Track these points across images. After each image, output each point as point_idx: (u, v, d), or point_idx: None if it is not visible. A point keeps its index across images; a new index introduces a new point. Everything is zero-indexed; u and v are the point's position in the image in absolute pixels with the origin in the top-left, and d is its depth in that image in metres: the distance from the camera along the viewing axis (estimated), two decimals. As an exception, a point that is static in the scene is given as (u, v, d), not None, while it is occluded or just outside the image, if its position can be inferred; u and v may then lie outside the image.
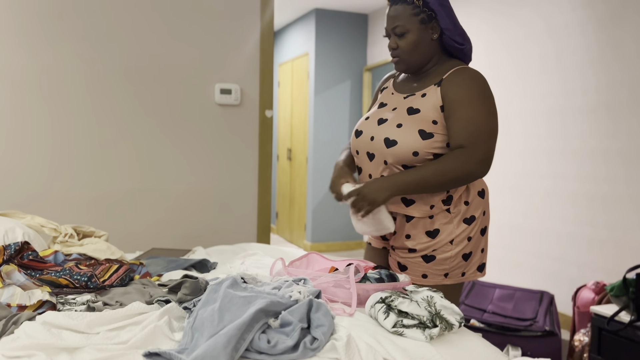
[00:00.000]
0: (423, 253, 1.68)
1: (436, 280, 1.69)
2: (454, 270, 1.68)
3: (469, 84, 1.60)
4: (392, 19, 1.66)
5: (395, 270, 1.77)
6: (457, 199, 1.67)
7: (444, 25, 1.64)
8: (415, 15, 1.62)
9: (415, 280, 1.70)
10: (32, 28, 2.72)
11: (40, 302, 1.35)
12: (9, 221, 1.89)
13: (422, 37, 1.65)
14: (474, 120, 1.57)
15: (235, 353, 1.10)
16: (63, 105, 2.81)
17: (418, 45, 1.65)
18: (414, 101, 1.67)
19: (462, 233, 1.66)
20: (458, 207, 1.67)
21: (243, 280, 1.44)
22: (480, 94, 1.60)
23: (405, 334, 1.25)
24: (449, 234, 1.66)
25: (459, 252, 1.66)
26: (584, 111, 3.29)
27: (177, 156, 3.03)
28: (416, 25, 1.63)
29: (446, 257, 1.66)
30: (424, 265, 1.68)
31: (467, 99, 1.58)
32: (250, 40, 3.14)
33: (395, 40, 1.67)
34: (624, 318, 2.43)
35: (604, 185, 3.17)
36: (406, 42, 1.65)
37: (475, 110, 1.57)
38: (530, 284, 3.68)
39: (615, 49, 3.10)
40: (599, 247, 3.21)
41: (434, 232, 1.66)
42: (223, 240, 3.15)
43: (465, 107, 1.57)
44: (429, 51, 1.67)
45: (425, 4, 1.62)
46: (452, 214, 1.66)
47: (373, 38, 5.81)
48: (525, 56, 3.72)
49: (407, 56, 1.67)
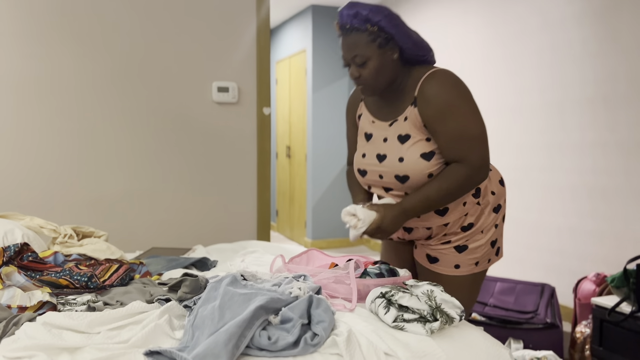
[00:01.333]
0: (456, 244, 1.71)
1: (468, 269, 1.72)
2: (483, 257, 1.73)
3: (440, 95, 1.58)
4: (349, 49, 1.61)
5: (423, 263, 1.79)
6: (484, 190, 1.71)
7: (402, 45, 1.62)
8: (372, 41, 1.59)
9: (446, 272, 1.73)
10: (31, 31, 2.72)
11: (40, 303, 1.35)
12: (8, 223, 1.89)
13: (383, 61, 1.61)
14: (459, 131, 1.56)
15: (236, 350, 1.10)
16: (61, 107, 2.80)
17: (381, 69, 1.62)
18: (399, 127, 1.66)
19: (491, 222, 1.72)
20: (486, 198, 1.71)
21: (243, 278, 1.44)
22: (454, 100, 1.58)
23: (406, 328, 1.25)
24: (481, 225, 1.71)
25: (488, 239, 1.72)
26: (582, 104, 3.28)
27: (176, 155, 3.03)
28: (375, 51, 1.60)
29: (477, 246, 1.71)
30: (457, 255, 1.72)
31: (444, 112, 1.57)
32: (247, 37, 3.13)
33: (357, 69, 1.63)
34: (625, 309, 2.43)
35: (603, 178, 3.17)
36: (369, 70, 1.62)
37: (456, 121, 1.57)
38: (532, 277, 3.69)
39: (612, 41, 3.10)
40: (599, 239, 3.21)
41: (468, 226, 1.71)
42: (223, 238, 3.15)
43: (445, 121, 1.57)
44: (392, 72, 1.65)
45: (380, 29, 1.58)
46: (482, 205, 1.71)
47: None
48: (522, 50, 3.72)
49: (372, 82, 1.64)
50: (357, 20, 1.58)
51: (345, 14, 1.60)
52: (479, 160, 1.57)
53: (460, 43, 4.35)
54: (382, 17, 1.57)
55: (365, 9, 1.57)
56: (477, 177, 1.59)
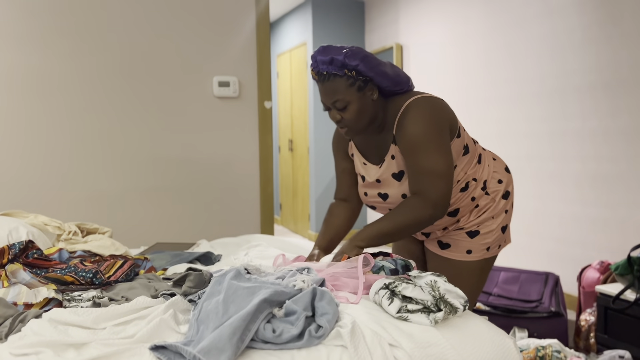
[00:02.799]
0: (468, 229, 1.74)
1: (479, 254, 1.75)
2: (494, 243, 1.76)
3: (410, 130, 1.59)
4: (329, 95, 1.61)
5: (435, 250, 1.81)
6: (490, 180, 1.74)
7: (381, 85, 1.63)
8: (351, 85, 1.59)
9: (458, 257, 1.76)
10: (30, 28, 2.72)
11: (46, 300, 1.36)
12: (13, 221, 1.90)
13: (363, 104, 1.62)
14: (421, 166, 1.58)
15: (241, 343, 1.10)
16: (64, 103, 2.81)
17: (362, 111, 1.62)
18: (390, 167, 1.69)
19: (502, 208, 1.75)
20: (495, 187, 1.75)
21: (247, 272, 1.45)
22: (423, 136, 1.58)
23: (410, 319, 1.26)
24: (491, 211, 1.74)
25: (499, 225, 1.75)
26: (584, 91, 3.27)
27: (178, 150, 3.03)
28: (355, 94, 1.60)
29: (489, 231, 1.74)
30: (469, 240, 1.74)
31: (412, 146, 1.59)
32: (246, 31, 3.13)
33: (339, 113, 1.64)
34: (629, 296, 2.43)
35: (606, 165, 3.16)
36: (350, 113, 1.62)
37: (420, 156, 1.58)
38: (535, 266, 3.69)
39: (613, 27, 3.08)
40: (603, 226, 3.20)
41: (481, 214, 1.74)
42: (227, 232, 3.16)
43: (412, 155, 1.59)
44: (373, 111, 1.65)
45: (358, 73, 1.58)
46: (491, 195, 1.74)
47: (371, 25, 5.78)
48: (524, 38, 3.70)
49: (355, 124, 1.64)
50: (334, 67, 1.57)
51: (320, 60, 1.59)
52: (436, 196, 1.57)
53: (461, 31, 4.33)
54: (358, 61, 1.57)
55: (340, 54, 1.57)
56: (434, 212, 1.58)
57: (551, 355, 2.11)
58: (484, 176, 1.74)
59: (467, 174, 1.70)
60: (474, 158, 1.73)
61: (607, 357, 2.31)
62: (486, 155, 1.79)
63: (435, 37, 4.68)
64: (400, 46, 5.19)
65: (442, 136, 1.59)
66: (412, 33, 5.01)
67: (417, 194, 1.59)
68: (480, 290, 1.81)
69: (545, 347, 2.15)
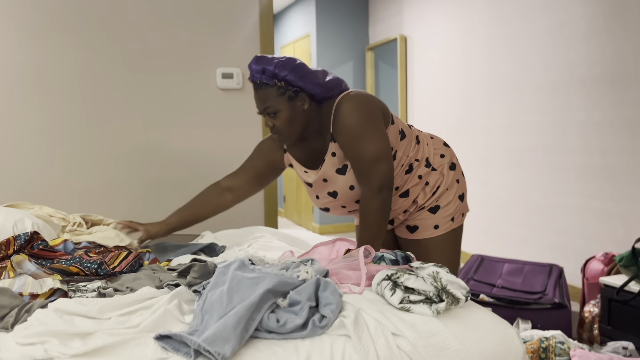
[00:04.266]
0: (429, 207, 1.82)
1: (446, 227, 1.83)
2: (457, 212, 1.85)
3: (346, 122, 1.66)
4: (261, 102, 1.69)
5: (405, 236, 1.88)
6: (432, 156, 1.83)
7: (312, 92, 1.69)
8: (282, 94, 1.66)
9: (428, 235, 1.83)
10: (33, 20, 2.72)
11: (51, 290, 1.37)
12: (18, 212, 1.91)
13: (294, 112, 1.69)
14: (360, 156, 1.66)
15: (245, 333, 1.11)
16: (65, 96, 2.81)
17: (292, 120, 1.70)
18: (332, 163, 1.75)
19: (452, 178, 1.85)
20: (439, 161, 1.84)
21: (251, 262, 1.45)
22: (357, 125, 1.65)
23: (412, 309, 1.26)
24: (444, 185, 1.83)
25: (455, 194, 1.85)
26: (588, 83, 3.25)
27: (181, 143, 3.04)
28: (285, 103, 1.67)
29: (448, 202, 1.83)
30: (432, 216, 1.82)
31: (347, 140, 1.67)
32: (250, 23, 3.12)
33: (270, 119, 1.72)
34: (633, 288, 2.44)
35: (610, 157, 3.15)
36: (281, 121, 1.69)
37: (358, 146, 1.66)
38: (539, 258, 3.69)
39: (618, 19, 3.06)
40: (606, 218, 3.20)
41: (436, 189, 1.84)
42: (230, 224, 3.16)
43: (352, 146, 1.67)
44: (305, 119, 1.72)
45: (287, 83, 1.65)
46: (438, 169, 1.84)
47: (374, 17, 5.76)
48: (528, 30, 3.68)
49: (286, 131, 1.72)
50: (265, 76, 1.65)
51: (253, 69, 1.67)
52: (380, 181, 1.66)
53: (465, 23, 4.31)
54: (288, 71, 1.63)
55: (271, 65, 1.63)
56: (382, 195, 1.66)
57: (554, 346, 2.12)
58: (425, 154, 1.82)
59: (409, 157, 1.78)
60: (412, 140, 1.80)
61: (610, 348, 2.31)
62: (423, 136, 1.86)
63: (439, 29, 4.66)
64: (404, 38, 5.17)
65: (375, 122, 1.67)
66: (416, 25, 4.99)
67: (363, 184, 1.68)
68: (457, 260, 1.89)
69: (549, 339, 2.15)
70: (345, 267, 1.51)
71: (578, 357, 2.04)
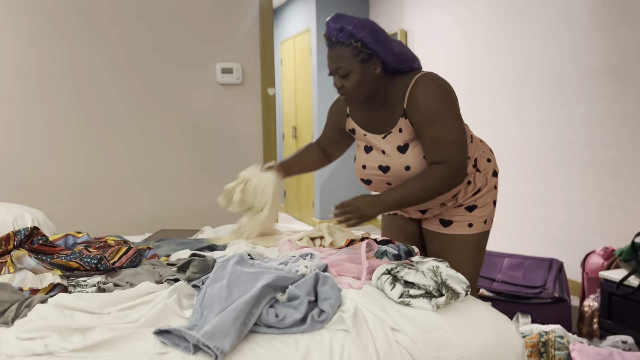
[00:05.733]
0: (466, 205, 1.82)
1: (479, 227, 1.83)
2: (489, 216, 1.86)
3: (426, 103, 1.65)
4: (333, 61, 1.67)
5: (436, 229, 1.86)
6: (480, 158, 1.82)
7: (385, 60, 1.67)
8: (355, 56, 1.64)
9: (461, 231, 1.83)
10: (32, 16, 2.71)
11: (51, 285, 1.37)
12: (18, 207, 1.92)
13: (365, 75, 1.67)
14: (442, 137, 1.64)
15: (245, 328, 1.11)
16: (66, 92, 2.81)
17: (362, 83, 1.68)
18: (396, 139, 1.73)
19: (492, 184, 1.85)
20: (485, 165, 1.83)
21: (250, 257, 1.45)
22: (439, 107, 1.64)
23: (412, 303, 1.26)
24: (486, 188, 1.83)
25: (491, 199, 1.85)
26: (591, 76, 3.24)
27: (182, 138, 3.04)
28: (357, 65, 1.65)
29: (484, 204, 1.83)
30: (469, 215, 1.82)
31: (429, 119, 1.64)
32: (249, 17, 3.11)
33: (340, 80, 1.69)
34: (632, 282, 2.44)
35: (612, 151, 3.15)
36: (350, 82, 1.67)
37: (440, 127, 1.64)
38: (540, 252, 3.69)
39: (621, 11, 3.05)
40: (607, 213, 3.20)
41: (477, 191, 1.82)
42: (231, 219, 3.16)
43: (430, 127, 1.64)
44: (374, 85, 1.71)
45: (363, 45, 1.63)
46: (482, 172, 1.82)
47: (375, 11, 5.74)
48: (530, 23, 3.66)
49: (353, 94, 1.70)
50: (342, 35, 1.63)
51: (331, 27, 1.65)
52: (458, 164, 1.65)
53: (466, 16, 4.30)
54: (366, 33, 1.62)
55: (350, 24, 1.62)
56: (456, 179, 1.67)
57: (554, 340, 2.12)
58: (475, 154, 1.81)
59: None
60: (468, 137, 1.79)
61: (610, 342, 2.31)
62: (475, 137, 1.86)
63: (440, 23, 4.64)
64: (405, 32, 5.16)
65: (455, 108, 1.67)
66: (417, 19, 4.98)
67: (441, 163, 1.64)
68: (481, 263, 1.89)
69: (549, 333, 2.16)
70: (346, 260, 1.51)
71: (577, 351, 2.04)
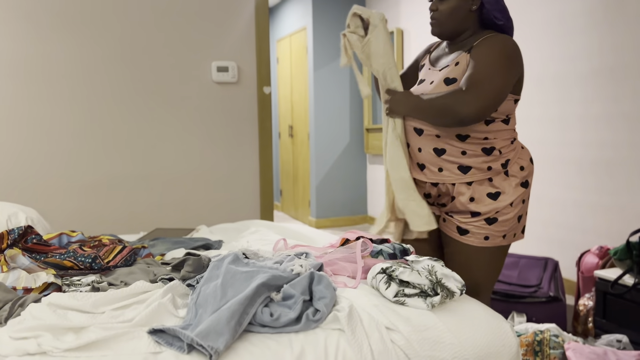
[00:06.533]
0: (487, 216, 1.73)
1: (496, 241, 1.76)
2: (510, 231, 1.77)
3: (492, 47, 1.63)
4: None
5: (453, 235, 1.80)
6: (512, 162, 1.74)
7: (485, 4, 1.68)
8: None
9: (476, 243, 1.76)
10: (30, 14, 2.70)
11: (45, 285, 1.36)
12: (12, 206, 1.91)
13: (461, 5, 1.69)
14: (482, 72, 1.60)
15: (239, 327, 1.11)
16: (61, 90, 2.80)
17: (455, 12, 1.70)
18: (449, 72, 1.72)
19: (519, 196, 1.74)
20: (515, 171, 1.74)
21: (245, 256, 1.45)
22: (500, 55, 1.62)
23: (407, 303, 1.26)
24: (509, 196, 1.72)
25: (516, 214, 1.75)
26: (587, 76, 3.25)
27: (177, 136, 3.03)
28: None
29: (506, 219, 1.74)
30: (487, 227, 1.74)
31: (484, 57, 1.62)
32: (245, 16, 3.10)
33: (436, 3, 1.72)
34: (627, 281, 2.44)
35: (608, 150, 3.15)
36: (446, 7, 1.70)
37: (486, 66, 1.60)
38: (535, 251, 3.70)
39: (618, 11, 3.05)
40: (603, 212, 3.21)
41: (496, 194, 1.72)
42: (226, 218, 3.16)
43: (478, 63, 1.62)
44: (465, 20, 1.72)
45: None
46: (510, 177, 1.73)
47: (370, 9, 5.74)
48: (526, 22, 3.67)
49: (444, 20, 1.72)
50: None
51: None
52: (474, 99, 1.58)
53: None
54: None
55: None
56: (464, 109, 1.58)
57: (549, 339, 2.13)
58: (509, 155, 1.74)
59: (495, 139, 1.71)
60: (508, 134, 1.74)
61: (605, 341, 2.32)
62: (518, 142, 1.80)
63: (436, 22, 4.64)
64: (401, 31, 5.16)
65: (510, 72, 1.63)
66: (413, 17, 4.98)
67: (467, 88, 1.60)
68: (496, 277, 1.83)
69: (544, 332, 2.16)
70: (342, 259, 1.51)
71: (572, 350, 2.05)
